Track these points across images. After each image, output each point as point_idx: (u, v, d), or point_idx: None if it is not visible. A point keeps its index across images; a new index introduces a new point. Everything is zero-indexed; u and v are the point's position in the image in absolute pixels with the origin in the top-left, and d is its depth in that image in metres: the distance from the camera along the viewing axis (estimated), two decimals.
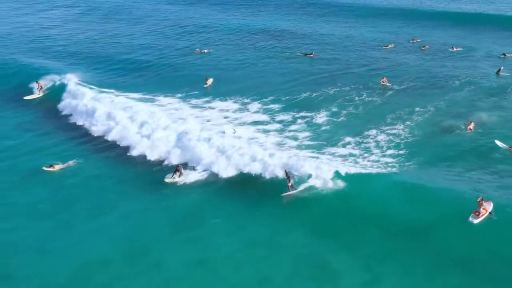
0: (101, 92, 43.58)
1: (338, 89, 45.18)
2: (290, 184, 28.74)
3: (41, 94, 44.55)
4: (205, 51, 58.52)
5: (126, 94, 43.57)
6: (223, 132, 35.52)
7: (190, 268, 22.82)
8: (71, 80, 45.97)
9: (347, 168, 29.76)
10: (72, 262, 23.10)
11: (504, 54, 55.53)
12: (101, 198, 28.54)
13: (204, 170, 31.57)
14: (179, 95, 43.63)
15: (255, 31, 68.01)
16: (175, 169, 31.31)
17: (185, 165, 31.92)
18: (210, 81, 46.81)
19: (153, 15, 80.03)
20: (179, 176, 30.82)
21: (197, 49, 59.23)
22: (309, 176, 29.21)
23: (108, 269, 22.65)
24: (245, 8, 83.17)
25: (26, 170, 31.83)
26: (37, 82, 45.11)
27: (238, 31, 68.48)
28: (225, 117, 39.16)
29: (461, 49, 58.83)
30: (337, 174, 29.00)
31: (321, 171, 29.28)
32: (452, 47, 59.24)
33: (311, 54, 56.61)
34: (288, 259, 23.37)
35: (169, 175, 31.05)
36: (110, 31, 68.53)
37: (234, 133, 35.67)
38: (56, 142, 36.23)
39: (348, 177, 28.83)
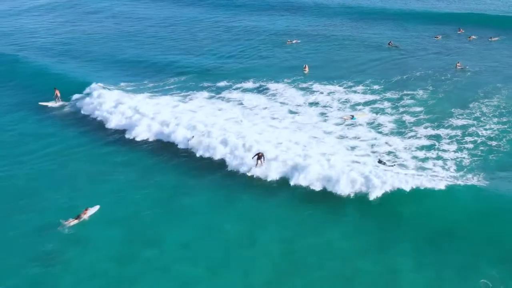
0: (219, 89, 46.75)
1: (423, 71, 50.91)
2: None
3: (58, 103, 43.63)
4: (295, 42, 63.19)
5: (241, 84, 47.70)
6: (351, 118, 39.15)
7: None
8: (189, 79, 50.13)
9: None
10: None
11: None
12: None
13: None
14: (286, 80, 48.36)
15: (329, 29, 71.81)
16: (257, 155, 31.12)
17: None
18: (307, 67, 51.37)
19: (230, 17, 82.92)
20: (262, 164, 30.96)
21: (288, 40, 63.83)
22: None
23: None
24: (319, 10, 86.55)
25: None
26: (55, 88, 43.84)
27: (315, 27, 73.09)
28: (338, 100, 43.61)
29: (497, 38, 65.16)
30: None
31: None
32: (491, 37, 65.47)
33: (389, 43, 61.70)
34: None
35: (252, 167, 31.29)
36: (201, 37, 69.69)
37: (352, 118, 39.11)
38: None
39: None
